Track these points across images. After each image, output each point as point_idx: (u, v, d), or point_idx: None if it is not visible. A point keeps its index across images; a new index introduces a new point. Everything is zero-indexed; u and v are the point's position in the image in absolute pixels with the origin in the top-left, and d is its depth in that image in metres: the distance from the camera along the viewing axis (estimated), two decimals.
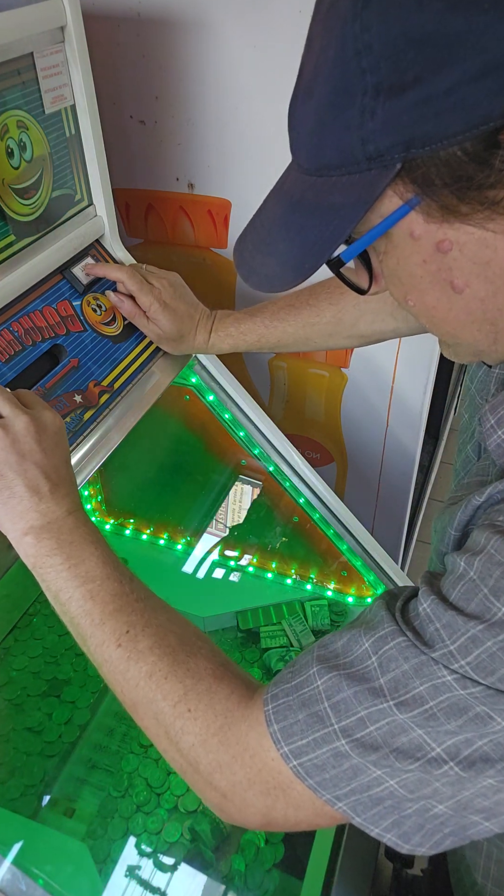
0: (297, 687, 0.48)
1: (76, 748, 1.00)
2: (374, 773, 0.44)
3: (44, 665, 1.10)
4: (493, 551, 0.43)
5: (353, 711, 0.45)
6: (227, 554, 1.25)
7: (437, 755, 0.42)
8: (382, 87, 0.38)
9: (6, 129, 0.73)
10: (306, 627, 1.12)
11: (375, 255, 0.48)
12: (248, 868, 0.86)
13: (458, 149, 0.38)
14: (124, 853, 0.88)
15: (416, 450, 1.37)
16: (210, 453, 1.14)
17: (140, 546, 1.30)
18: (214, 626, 1.17)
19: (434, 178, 0.39)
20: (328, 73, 0.40)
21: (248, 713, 0.50)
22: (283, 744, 0.47)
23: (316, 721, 0.46)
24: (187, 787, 0.95)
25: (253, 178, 1.12)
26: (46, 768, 0.96)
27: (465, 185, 0.39)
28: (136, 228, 1.29)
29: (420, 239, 0.43)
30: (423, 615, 0.45)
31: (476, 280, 0.44)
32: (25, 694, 1.06)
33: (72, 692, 1.06)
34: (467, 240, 0.42)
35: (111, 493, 1.32)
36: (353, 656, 0.47)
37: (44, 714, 1.03)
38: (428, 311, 0.48)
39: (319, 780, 0.46)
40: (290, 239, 0.46)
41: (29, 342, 0.79)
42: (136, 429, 0.85)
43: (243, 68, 1.03)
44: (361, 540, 1.07)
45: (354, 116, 0.39)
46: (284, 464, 1.05)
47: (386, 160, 0.40)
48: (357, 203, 0.42)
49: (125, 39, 1.07)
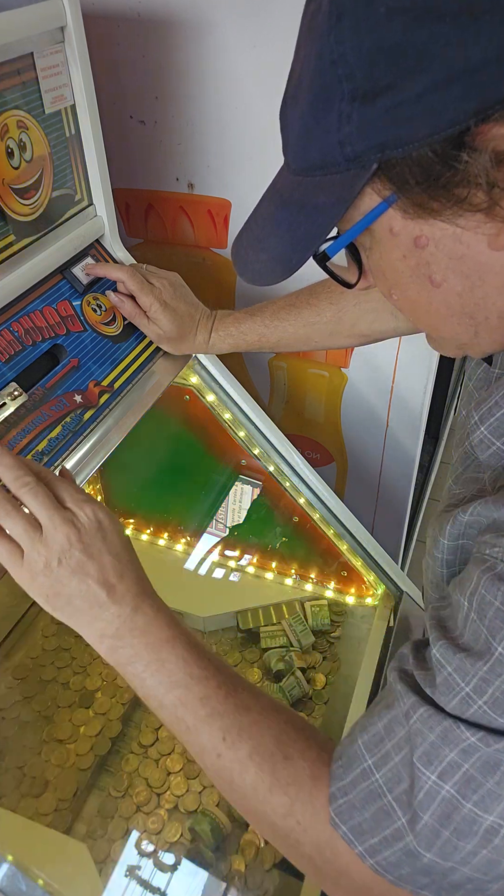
0: (354, 783, 0.49)
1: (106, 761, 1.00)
2: (446, 865, 0.45)
3: (72, 675, 1.09)
4: (484, 591, 0.45)
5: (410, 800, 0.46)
6: (227, 554, 1.25)
7: (491, 824, 0.43)
8: (358, 94, 0.40)
9: (6, 129, 0.73)
10: (306, 627, 1.12)
11: (363, 250, 0.50)
12: (248, 868, 0.86)
13: (429, 150, 0.40)
14: (124, 853, 0.88)
15: (416, 450, 1.37)
16: (210, 453, 1.14)
17: (140, 546, 1.30)
18: (214, 626, 1.17)
19: (408, 177, 0.42)
20: (310, 81, 0.43)
21: None
22: (357, 844, 0.48)
23: (384, 816, 0.47)
24: (187, 786, 0.95)
25: (253, 178, 1.12)
26: (79, 781, 0.96)
27: (435, 183, 0.41)
28: (136, 228, 1.29)
29: (399, 235, 0.45)
30: (435, 662, 0.46)
31: (452, 275, 0.45)
32: (55, 705, 1.05)
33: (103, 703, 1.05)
34: (441, 235, 0.44)
35: (111, 493, 1.32)
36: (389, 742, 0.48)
37: (74, 726, 1.02)
38: (410, 305, 0.51)
39: (398, 876, 0.47)
40: (279, 235, 0.49)
41: (29, 342, 0.79)
42: (136, 429, 0.85)
43: (243, 68, 1.03)
44: (361, 540, 1.07)
45: (333, 121, 0.42)
46: (284, 464, 1.05)
47: (363, 161, 0.42)
48: (338, 201, 0.45)
49: (125, 39, 1.07)
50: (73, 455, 0.77)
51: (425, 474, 2.10)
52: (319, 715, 1.03)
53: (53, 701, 1.05)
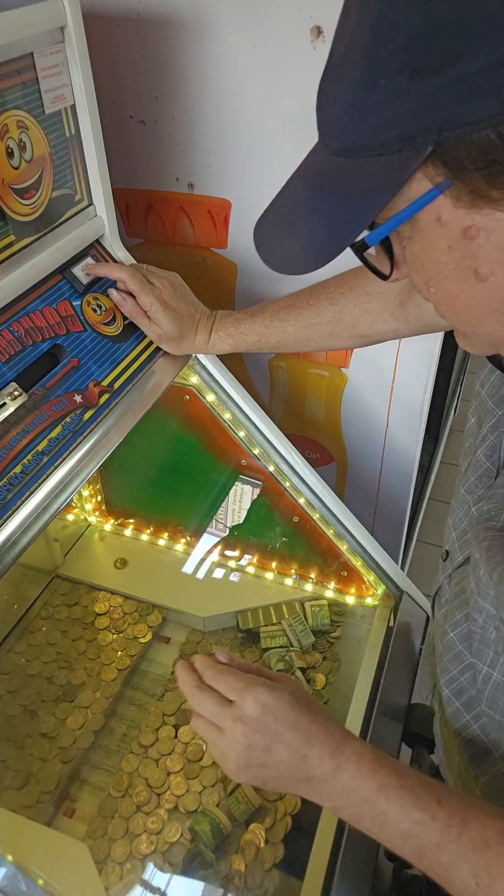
0: None
1: (90, 753, 1.00)
2: None
3: (57, 669, 1.10)
4: None
5: None
6: (227, 554, 1.25)
7: None
8: (418, 66, 0.37)
9: (6, 129, 0.73)
10: (306, 627, 1.12)
11: (398, 240, 0.47)
12: (248, 868, 0.86)
13: (493, 132, 0.37)
14: (124, 853, 0.88)
15: (416, 450, 1.37)
16: (210, 453, 1.14)
17: (140, 546, 1.30)
18: (214, 626, 1.17)
19: (465, 161, 0.38)
20: (360, 51, 0.39)
21: None
22: None
23: None
24: (187, 786, 0.95)
25: (253, 178, 1.12)
26: (62, 774, 0.96)
27: (498, 169, 0.38)
28: (136, 228, 1.29)
29: (447, 224, 0.42)
30: None
31: (501, 269, 0.43)
32: (40, 699, 1.05)
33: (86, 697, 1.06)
34: (495, 227, 0.41)
35: (111, 493, 1.32)
36: None
37: (58, 720, 1.03)
38: (449, 299, 0.48)
39: None
40: (313, 221, 0.45)
41: (29, 342, 0.79)
42: (136, 429, 0.85)
43: (243, 68, 1.03)
44: (361, 540, 1.07)
45: (387, 97, 0.38)
46: (284, 464, 1.05)
47: (417, 142, 0.39)
48: (386, 186, 0.41)
49: (125, 39, 1.07)
50: (73, 455, 0.77)
51: (425, 474, 2.10)
52: None
53: (38, 695, 1.06)
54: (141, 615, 1.18)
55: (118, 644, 1.14)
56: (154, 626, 1.16)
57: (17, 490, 0.71)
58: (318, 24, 0.94)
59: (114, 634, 1.15)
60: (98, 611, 1.19)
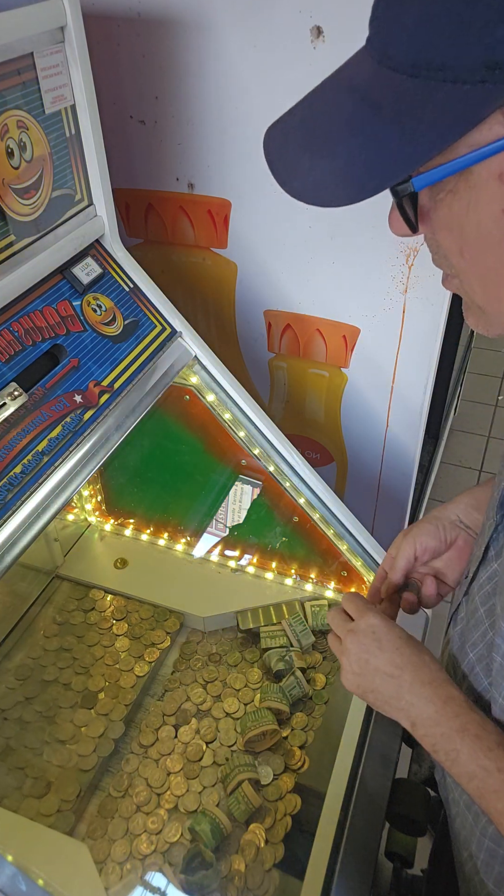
0: None
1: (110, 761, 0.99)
2: None
3: (74, 676, 1.09)
4: None
5: None
6: (227, 554, 1.25)
7: None
8: None
9: (6, 129, 0.73)
10: (306, 627, 1.12)
11: (432, 193, 0.40)
12: (248, 868, 0.86)
13: None
14: (124, 853, 0.88)
15: (416, 450, 1.37)
16: (210, 453, 1.14)
17: (140, 546, 1.30)
18: (214, 626, 1.17)
19: None
20: None
21: None
22: None
23: None
24: (187, 786, 0.95)
25: (253, 178, 1.12)
26: (82, 782, 0.95)
27: None
28: (136, 228, 1.29)
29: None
30: None
31: None
32: (57, 706, 1.05)
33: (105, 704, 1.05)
34: None
35: (111, 493, 1.32)
36: None
37: (76, 727, 1.02)
38: (483, 271, 0.42)
39: None
40: (356, 144, 0.37)
41: (29, 342, 0.79)
42: (137, 429, 0.85)
43: (243, 68, 1.03)
44: (361, 540, 1.07)
45: (484, 13, 0.32)
46: (284, 464, 1.05)
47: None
48: (456, 120, 0.34)
49: (125, 39, 1.07)
50: (73, 455, 0.77)
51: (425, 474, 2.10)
52: (319, 715, 1.03)
53: (55, 702, 1.05)
54: (158, 620, 1.16)
55: (135, 650, 1.12)
56: (172, 631, 1.15)
57: (17, 490, 0.71)
58: (318, 24, 0.94)
59: (130, 640, 1.13)
60: (111, 615, 1.17)
